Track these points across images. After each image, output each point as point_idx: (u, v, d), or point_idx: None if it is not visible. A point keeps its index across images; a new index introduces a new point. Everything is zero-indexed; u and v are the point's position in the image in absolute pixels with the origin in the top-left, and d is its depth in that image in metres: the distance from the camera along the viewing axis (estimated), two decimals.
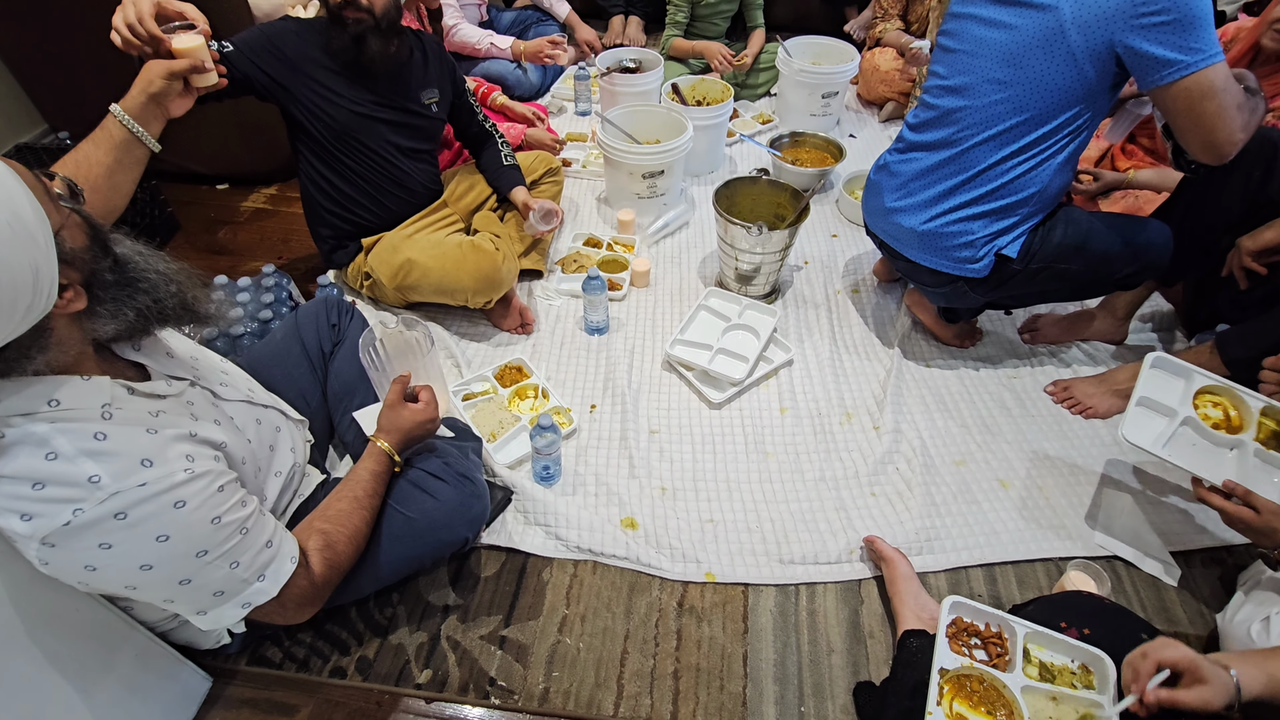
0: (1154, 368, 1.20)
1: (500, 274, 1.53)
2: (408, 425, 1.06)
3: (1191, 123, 1.11)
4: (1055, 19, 1.13)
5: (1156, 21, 1.06)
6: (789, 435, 1.43)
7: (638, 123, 2.02)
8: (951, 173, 1.31)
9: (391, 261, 1.53)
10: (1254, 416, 1.13)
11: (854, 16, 2.89)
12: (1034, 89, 1.19)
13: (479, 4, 2.46)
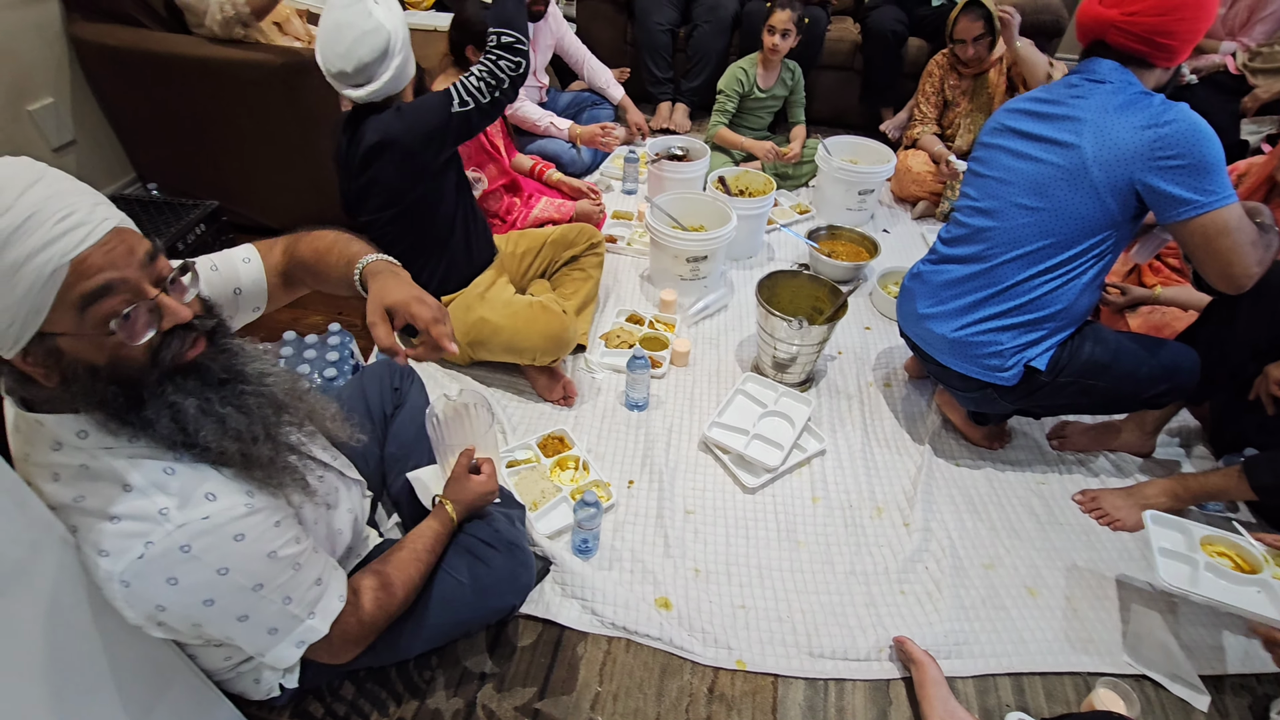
0: (1156, 524, 1.26)
1: (568, 334, 1.61)
2: (471, 496, 1.12)
3: (1208, 256, 1.20)
4: (1079, 156, 1.23)
5: (1173, 165, 1.16)
6: (820, 525, 1.47)
7: (683, 208, 2.13)
8: (981, 286, 1.39)
9: (466, 319, 1.62)
10: (1259, 558, 1.19)
11: (889, 116, 3.05)
12: (1059, 216, 1.28)
13: (540, 86, 2.64)
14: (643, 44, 3.08)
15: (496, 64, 1.43)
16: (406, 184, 1.47)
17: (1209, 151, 1.15)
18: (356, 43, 1.32)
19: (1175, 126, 1.16)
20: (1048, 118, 1.32)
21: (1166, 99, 1.23)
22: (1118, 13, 1.23)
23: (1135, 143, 1.19)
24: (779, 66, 2.52)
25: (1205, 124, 1.17)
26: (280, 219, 2.24)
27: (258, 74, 1.95)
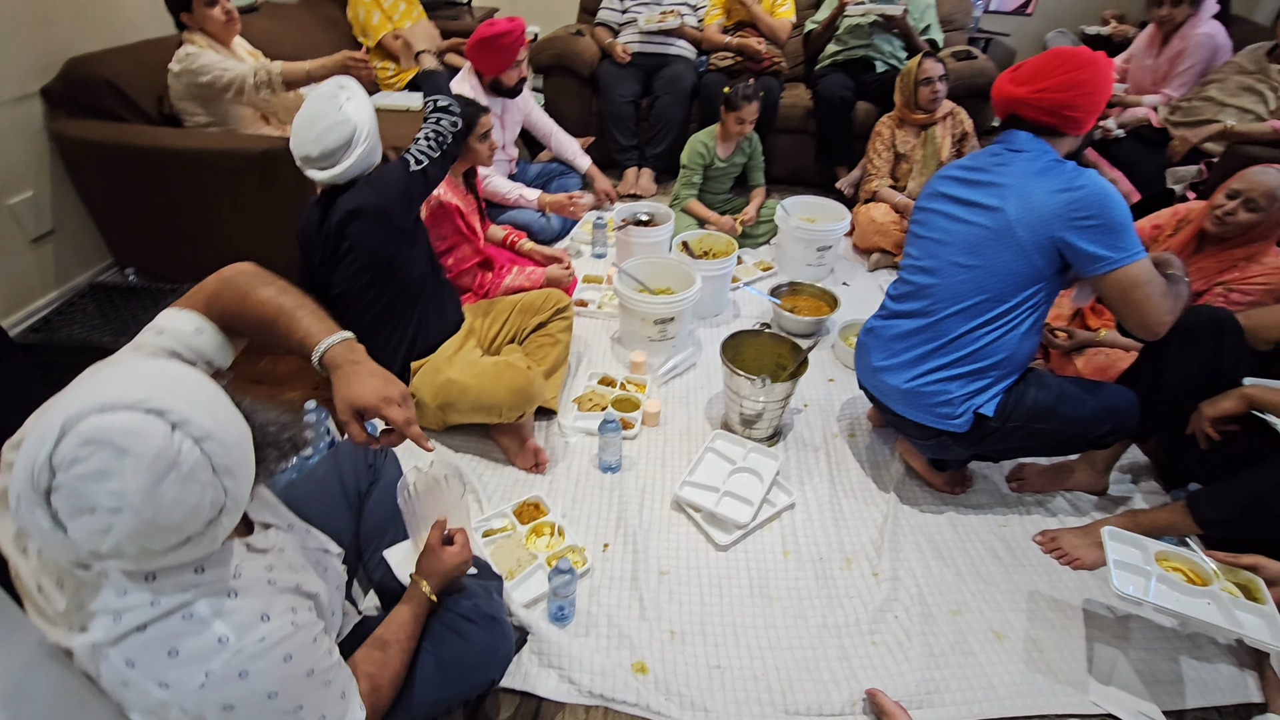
0: (1113, 539, 1.31)
1: (533, 388, 1.66)
2: (446, 568, 1.14)
3: (1124, 307, 1.32)
4: (1005, 219, 1.34)
5: (1087, 224, 1.28)
6: (792, 579, 1.50)
7: (650, 272, 2.22)
8: (928, 339, 1.48)
9: (434, 382, 1.67)
10: (1210, 572, 1.24)
11: (844, 174, 3.21)
12: (993, 273, 1.38)
13: (510, 160, 2.76)
14: (607, 115, 3.24)
15: (439, 124, 1.64)
16: (382, 245, 1.56)
17: (1116, 213, 1.27)
18: (325, 132, 1.46)
19: (1086, 190, 1.28)
20: (976, 184, 1.43)
21: (1077, 166, 1.35)
22: (1026, 91, 1.36)
23: (1053, 205, 1.30)
24: (739, 138, 2.66)
25: (1112, 188, 1.29)
26: None
27: (237, 162, 2.04)
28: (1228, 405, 1.41)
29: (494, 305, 1.94)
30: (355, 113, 1.49)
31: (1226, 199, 1.71)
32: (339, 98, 1.49)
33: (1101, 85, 1.34)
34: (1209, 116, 2.45)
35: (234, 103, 2.22)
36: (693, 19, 3.31)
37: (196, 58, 2.11)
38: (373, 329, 1.67)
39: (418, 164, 1.57)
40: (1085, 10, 3.78)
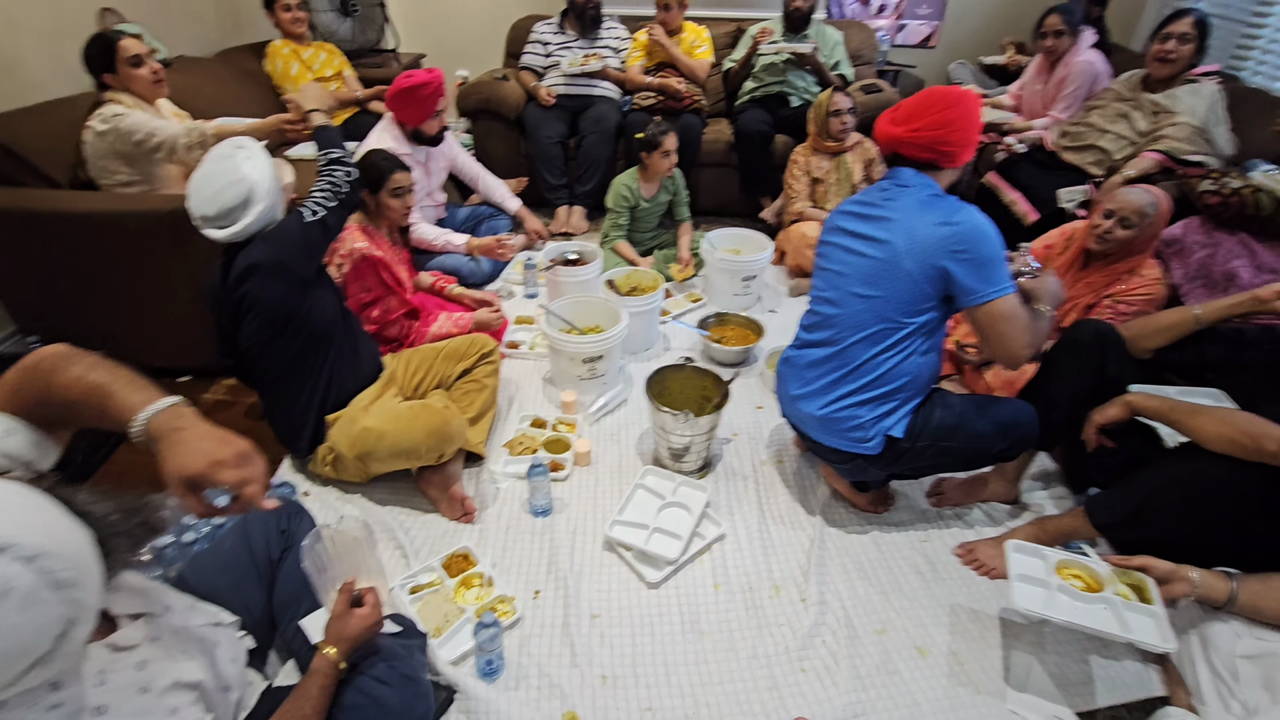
0: (1016, 552, 1.37)
1: (451, 427, 1.65)
2: (355, 632, 1.11)
3: (990, 337, 1.42)
4: (894, 250, 1.42)
5: (964, 258, 1.37)
6: (723, 612, 1.51)
7: (578, 311, 2.25)
8: (836, 366, 1.53)
9: (350, 432, 1.65)
10: (1104, 577, 1.31)
11: (768, 204, 3.32)
12: (889, 302, 1.45)
13: (437, 205, 2.77)
14: (535, 156, 3.29)
15: (333, 175, 1.66)
16: (282, 297, 1.54)
17: (989, 248, 1.36)
18: (221, 191, 1.47)
19: (963, 225, 1.37)
20: (868, 218, 1.50)
21: (958, 200, 1.44)
22: (904, 130, 1.45)
23: (934, 236, 1.38)
24: (662, 178, 2.73)
25: (987, 225, 1.39)
26: (172, 359, 2.22)
27: (145, 223, 1.99)
28: (1113, 412, 1.49)
29: (415, 353, 1.93)
30: (253, 172, 1.49)
31: (1104, 218, 1.83)
32: (236, 157, 1.50)
33: (969, 122, 1.44)
34: (1092, 141, 2.64)
35: (162, 162, 2.18)
36: (615, 61, 3.41)
37: (125, 117, 2.07)
38: (283, 383, 1.65)
39: (314, 214, 1.57)
40: (983, 42, 4.03)
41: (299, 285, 1.56)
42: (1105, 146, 2.61)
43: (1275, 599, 1.24)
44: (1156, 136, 2.45)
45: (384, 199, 1.99)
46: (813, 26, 3.28)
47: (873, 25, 3.82)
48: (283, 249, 1.53)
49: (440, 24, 4.29)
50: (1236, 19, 3.13)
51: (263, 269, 1.50)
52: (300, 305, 1.57)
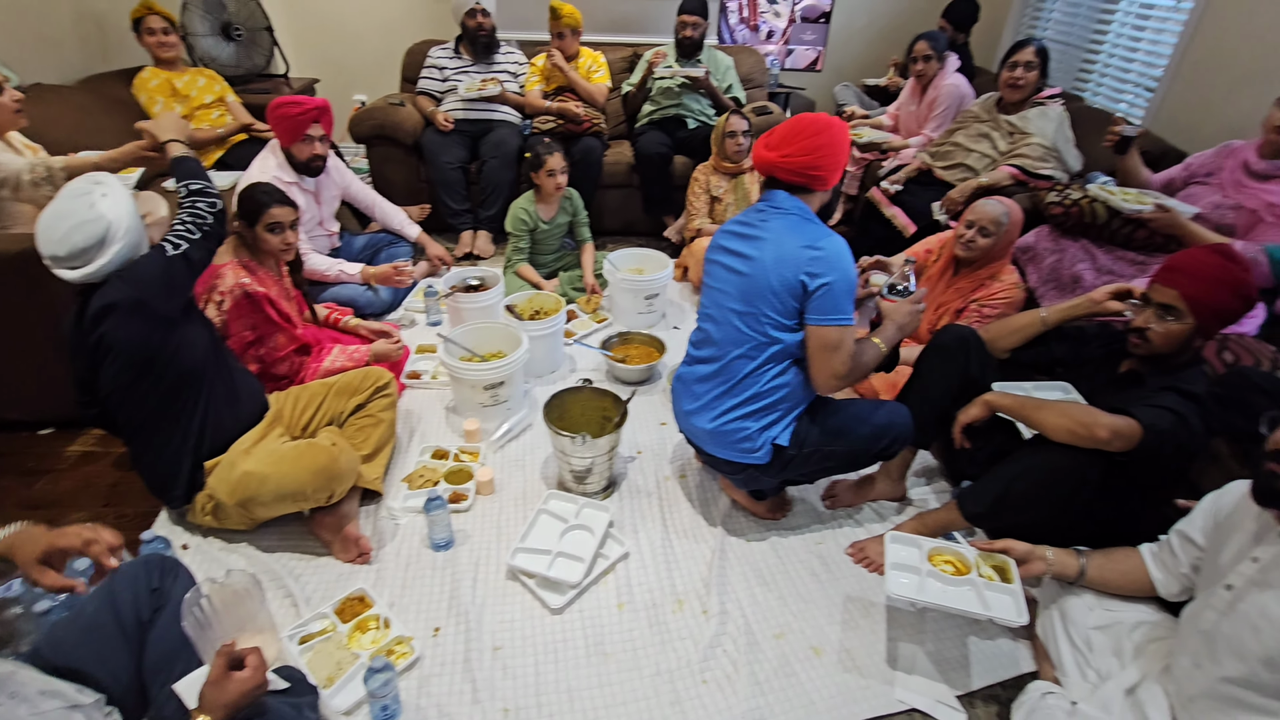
0: (893, 542, 1.46)
1: (339, 465, 1.60)
2: (232, 698, 1.04)
3: (812, 357, 1.51)
4: (764, 268, 1.49)
5: (817, 280, 1.45)
6: (627, 631, 1.52)
7: (478, 338, 2.23)
8: (721, 381, 1.59)
9: (230, 478, 1.57)
10: (972, 561, 1.41)
11: (671, 223, 3.41)
12: (760, 318, 1.52)
13: (329, 235, 2.68)
14: (436, 181, 3.25)
15: (195, 207, 1.57)
16: (144, 337, 1.45)
17: (841, 280, 1.45)
18: (72, 231, 1.38)
19: (824, 252, 1.45)
20: (746, 237, 1.57)
21: (825, 227, 1.52)
22: (776, 156, 1.52)
23: (798, 258, 1.46)
24: (559, 199, 2.75)
25: (846, 256, 1.47)
26: (31, 411, 2.05)
27: None
28: (974, 412, 1.61)
29: (304, 391, 1.85)
30: (110, 210, 1.41)
31: (966, 228, 1.99)
32: (92, 195, 1.42)
33: (835, 149, 1.51)
34: (959, 160, 2.86)
35: (11, 200, 2.02)
36: (514, 85, 3.43)
37: None
38: (151, 429, 1.55)
39: (175, 248, 1.49)
40: (865, 65, 4.30)
41: (162, 324, 1.48)
42: (971, 164, 2.83)
43: (1117, 571, 1.37)
44: (1014, 154, 2.68)
45: (259, 233, 1.92)
46: (704, 52, 3.41)
47: (762, 50, 4.01)
48: (142, 287, 1.44)
49: (334, 48, 4.19)
50: (1077, 45, 3.48)
51: (120, 309, 1.41)
52: (165, 345, 1.48)
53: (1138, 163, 2.28)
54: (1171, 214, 1.94)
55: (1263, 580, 1.05)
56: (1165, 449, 1.36)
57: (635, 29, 4.01)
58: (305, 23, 4.11)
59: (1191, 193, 2.10)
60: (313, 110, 2.32)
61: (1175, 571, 1.29)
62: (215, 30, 3.49)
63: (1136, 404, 1.40)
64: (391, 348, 2.24)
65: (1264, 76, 2.33)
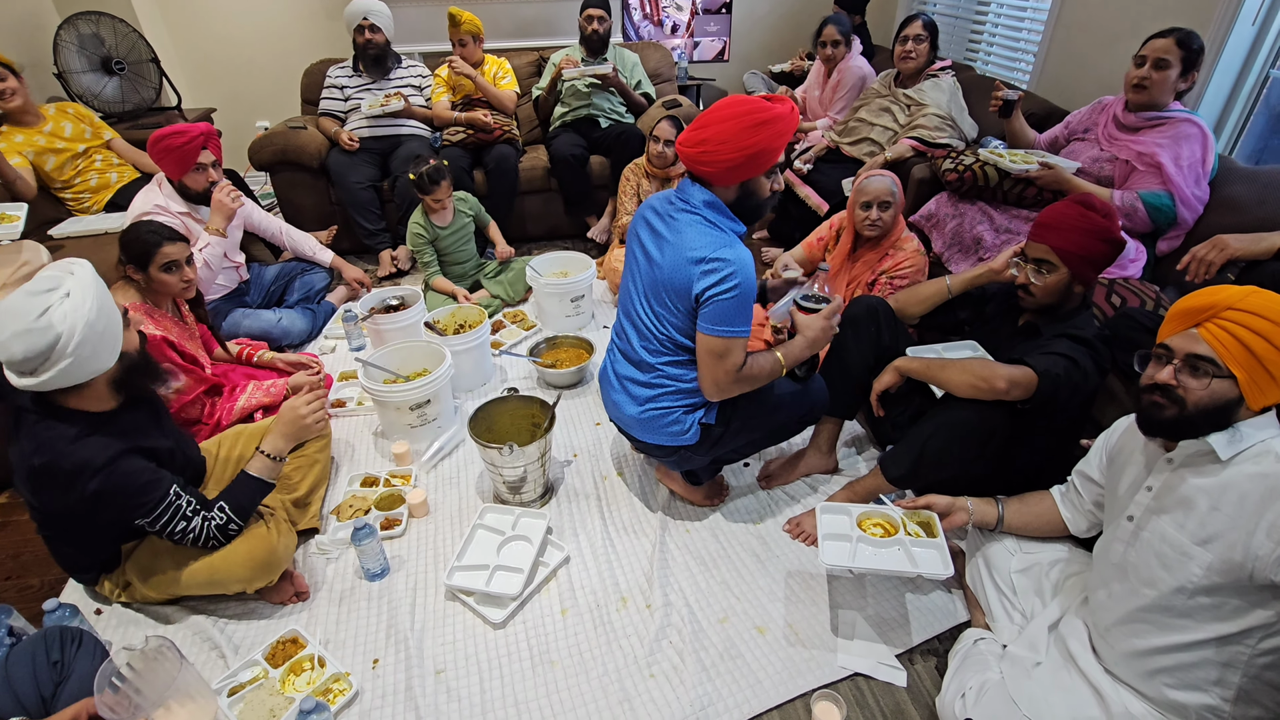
0: (824, 513, 1.49)
1: (277, 555, 1.50)
2: None
3: (701, 361, 1.48)
4: (662, 269, 1.47)
5: (713, 290, 1.39)
6: (572, 636, 1.51)
7: (401, 358, 2.17)
8: (640, 372, 1.60)
9: (153, 568, 1.47)
10: (898, 521, 1.45)
11: (594, 223, 3.40)
12: (665, 318, 1.51)
13: (235, 265, 2.57)
14: (348, 203, 3.16)
15: (209, 525, 1.42)
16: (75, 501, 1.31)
17: (732, 293, 1.39)
18: (14, 337, 1.20)
19: (717, 265, 1.39)
20: (656, 232, 1.52)
21: (729, 234, 1.46)
22: (693, 151, 1.43)
23: (692, 268, 1.42)
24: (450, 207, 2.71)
25: (742, 268, 1.40)
26: None
27: None
28: (887, 379, 1.66)
29: (238, 439, 1.76)
30: (63, 320, 1.22)
31: (863, 210, 2.04)
32: (49, 298, 1.23)
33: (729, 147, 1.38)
34: (864, 135, 2.94)
35: None
36: (420, 98, 3.36)
37: None
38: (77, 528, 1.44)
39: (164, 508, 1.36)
40: (770, 51, 4.38)
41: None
42: (875, 138, 2.91)
43: (1032, 514, 1.42)
44: (913, 126, 2.77)
45: (154, 275, 1.82)
46: (610, 50, 3.42)
47: (668, 44, 4.04)
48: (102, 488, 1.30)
49: (229, 76, 4.03)
50: (965, 17, 3.62)
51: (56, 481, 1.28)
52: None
53: (1023, 124, 2.39)
54: (1055, 170, 2.04)
55: (1158, 507, 1.11)
56: (1061, 393, 1.43)
57: (539, 33, 3.99)
58: (195, 51, 3.94)
59: (1073, 149, 2.22)
60: (199, 137, 2.22)
61: (1082, 509, 1.35)
62: (94, 66, 3.32)
63: (1032, 353, 1.47)
64: (310, 379, 2.16)
65: (1129, 34, 2.46)
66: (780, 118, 1.37)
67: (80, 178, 2.86)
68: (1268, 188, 1.83)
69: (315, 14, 3.94)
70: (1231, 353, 0.99)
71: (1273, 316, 0.96)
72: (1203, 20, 2.19)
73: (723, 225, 1.47)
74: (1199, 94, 2.26)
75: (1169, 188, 1.89)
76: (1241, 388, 0.99)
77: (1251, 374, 0.98)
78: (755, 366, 1.50)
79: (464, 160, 3.20)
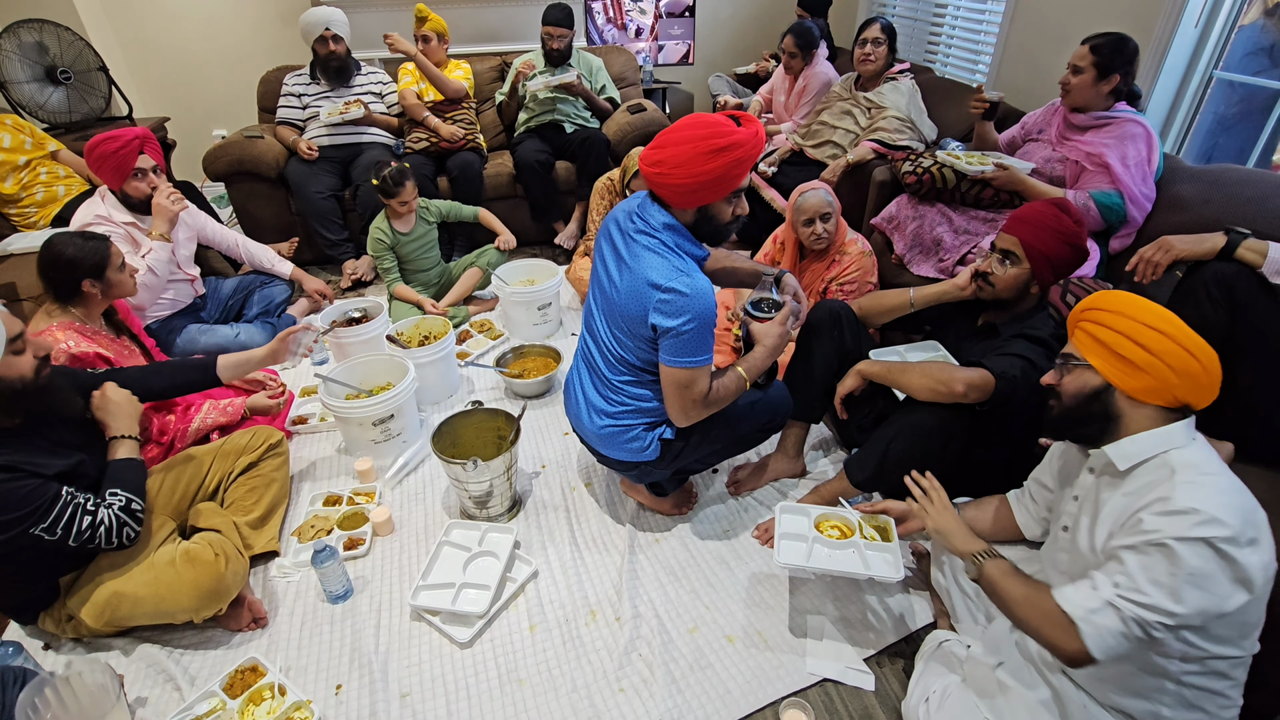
0: (783, 513, 1.50)
1: (225, 582, 1.46)
2: None
3: (667, 392, 1.46)
4: (620, 295, 1.44)
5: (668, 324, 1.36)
6: (540, 653, 1.49)
7: (363, 373, 2.13)
8: (601, 389, 1.59)
9: (96, 600, 1.41)
10: (855, 524, 1.47)
11: (562, 229, 3.38)
12: (623, 343, 1.50)
13: (189, 279, 2.49)
14: (308, 214, 3.09)
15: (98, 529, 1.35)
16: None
17: (696, 324, 1.36)
18: None
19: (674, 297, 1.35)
20: (617, 252, 1.47)
21: (695, 263, 1.42)
22: (648, 170, 1.38)
23: (648, 297, 1.37)
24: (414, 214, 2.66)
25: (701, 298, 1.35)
26: None
27: None
28: (850, 383, 1.67)
29: (186, 465, 1.70)
30: None
31: (806, 226, 2.06)
32: None
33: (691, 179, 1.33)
34: (827, 138, 2.96)
35: None
36: (380, 106, 3.31)
37: None
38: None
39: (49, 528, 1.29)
40: (735, 53, 4.40)
41: None
42: (838, 141, 2.94)
43: (986, 519, 1.43)
44: (874, 129, 2.80)
45: (110, 276, 1.78)
46: (574, 55, 3.40)
47: (633, 48, 4.03)
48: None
49: (181, 84, 3.93)
50: (923, 19, 3.68)
51: None
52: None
53: (990, 127, 2.42)
54: (1010, 171, 2.07)
55: (1079, 513, 1.13)
56: (1018, 393, 1.45)
57: (502, 38, 3.96)
58: (146, 59, 3.83)
59: (1027, 149, 2.26)
60: (134, 141, 2.15)
61: (1036, 516, 1.37)
62: (38, 76, 3.21)
63: (990, 355, 1.49)
64: (270, 402, 2.11)
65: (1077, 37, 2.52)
66: (741, 144, 1.31)
67: (25, 191, 2.76)
68: (1212, 186, 1.88)
69: (270, 20, 3.86)
70: (1084, 346, 1.08)
71: (1109, 307, 1.06)
72: (1147, 24, 2.25)
73: (682, 250, 1.42)
74: (1146, 95, 2.31)
75: (1118, 186, 1.94)
76: (1103, 373, 1.04)
77: (1104, 359, 1.04)
78: (721, 389, 1.48)
79: (427, 168, 3.16)
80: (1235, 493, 0.96)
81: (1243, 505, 0.94)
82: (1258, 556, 0.92)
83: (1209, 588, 0.91)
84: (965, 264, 2.15)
